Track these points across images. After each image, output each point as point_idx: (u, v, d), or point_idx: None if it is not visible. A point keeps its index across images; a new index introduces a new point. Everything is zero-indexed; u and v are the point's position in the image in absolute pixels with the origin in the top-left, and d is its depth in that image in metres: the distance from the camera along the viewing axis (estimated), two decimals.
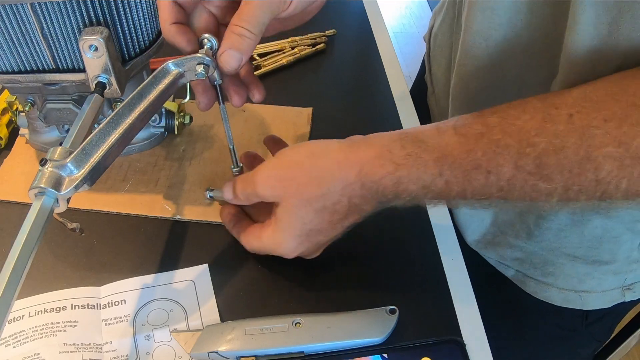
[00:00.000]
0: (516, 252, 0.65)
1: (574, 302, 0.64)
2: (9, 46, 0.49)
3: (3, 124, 0.63)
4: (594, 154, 0.38)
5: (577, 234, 0.59)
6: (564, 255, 0.62)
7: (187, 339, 0.47)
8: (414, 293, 0.51)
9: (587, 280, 0.63)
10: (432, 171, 0.42)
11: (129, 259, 0.53)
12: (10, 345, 0.46)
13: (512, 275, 0.67)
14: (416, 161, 0.42)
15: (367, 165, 0.43)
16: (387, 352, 0.46)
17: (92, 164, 0.42)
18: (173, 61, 0.48)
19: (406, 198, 0.44)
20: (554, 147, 0.39)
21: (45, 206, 0.41)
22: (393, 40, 0.83)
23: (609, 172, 0.38)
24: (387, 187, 0.43)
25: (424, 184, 0.42)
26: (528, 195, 0.41)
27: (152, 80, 0.47)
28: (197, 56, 0.48)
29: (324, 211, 0.45)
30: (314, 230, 0.46)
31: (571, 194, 0.40)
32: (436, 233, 0.56)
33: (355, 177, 0.44)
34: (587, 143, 0.38)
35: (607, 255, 0.60)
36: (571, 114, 0.40)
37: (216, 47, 0.48)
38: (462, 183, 0.42)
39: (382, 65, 0.77)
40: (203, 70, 0.48)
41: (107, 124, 0.44)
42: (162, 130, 0.63)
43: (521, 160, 0.40)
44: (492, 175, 0.41)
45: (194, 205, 0.58)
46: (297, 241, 0.47)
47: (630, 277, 0.63)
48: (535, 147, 0.40)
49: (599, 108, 0.39)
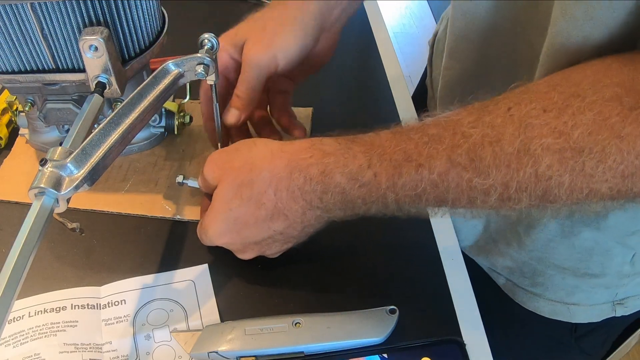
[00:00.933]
0: (507, 261, 0.64)
1: (562, 314, 0.63)
2: (9, 46, 0.49)
3: (3, 124, 0.63)
4: (532, 145, 0.36)
5: (567, 246, 0.58)
6: (553, 266, 0.61)
7: (187, 339, 0.47)
8: (414, 293, 0.51)
9: (576, 293, 0.62)
10: (360, 161, 0.41)
11: (129, 259, 0.53)
12: (10, 345, 0.46)
13: (503, 283, 0.66)
14: (345, 151, 0.42)
15: (297, 154, 0.43)
16: (387, 352, 0.46)
17: (92, 164, 0.42)
18: (173, 61, 0.48)
19: (336, 192, 0.42)
20: (490, 139, 0.37)
21: (45, 206, 0.41)
22: (393, 40, 0.83)
23: (549, 166, 0.36)
24: (314, 176, 0.42)
25: (351, 174, 0.41)
26: (465, 193, 0.39)
27: (152, 80, 0.47)
28: (197, 56, 0.48)
29: (250, 201, 0.44)
30: (239, 219, 0.45)
31: (511, 192, 0.37)
32: (436, 233, 0.56)
33: (284, 167, 0.43)
34: (525, 134, 0.36)
35: (597, 269, 0.59)
36: (510, 107, 0.38)
37: (217, 47, 0.49)
38: (391, 175, 0.40)
39: (382, 66, 0.77)
40: (203, 71, 0.48)
41: (107, 124, 0.44)
42: (162, 130, 0.63)
43: (454, 153, 0.38)
44: (423, 169, 0.39)
45: (194, 205, 0.58)
46: (222, 226, 0.47)
47: (622, 292, 0.62)
48: (468, 139, 0.38)
49: (539, 98, 0.37)
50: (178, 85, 0.49)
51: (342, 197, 0.42)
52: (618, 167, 0.35)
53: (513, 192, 0.37)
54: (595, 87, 0.36)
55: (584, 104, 0.35)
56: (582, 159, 0.35)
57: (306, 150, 0.43)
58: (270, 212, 0.44)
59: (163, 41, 0.55)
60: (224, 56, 0.54)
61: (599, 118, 0.35)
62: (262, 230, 0.46)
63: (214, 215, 0.47)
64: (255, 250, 0.49)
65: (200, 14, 0.86)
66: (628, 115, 0.34)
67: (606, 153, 0.35)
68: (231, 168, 0.46)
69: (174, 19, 0.57)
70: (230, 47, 0.54)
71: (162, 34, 0.55)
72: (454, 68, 0.59)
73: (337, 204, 0.43)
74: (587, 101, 0.36)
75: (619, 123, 0.34)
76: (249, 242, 0.48)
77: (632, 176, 0.35)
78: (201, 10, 0.86)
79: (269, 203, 0.44)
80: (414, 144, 0.40)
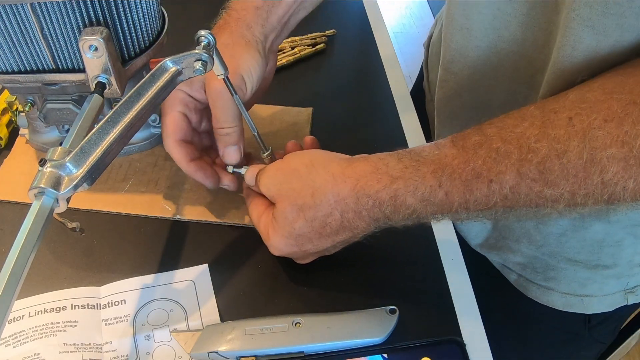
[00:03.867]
0: (518, 257, 0.65)
1: (576, 306, 0.64)
2: (9, 46, 0.49)
3: (3, 124, 0.63)
4: (597, 156, 0.37)
5: (578, 239, 0.59)
6: (566, 260, 0.61)
7: (187, 339, 0.47)
8: (414, 293, 0.51)
9: (589, 285, 0.63)
10: (431, 182, 0.42)
11: (129, 259, 0.53)
12: (10, 345, 0.46)
13: (515, 279, 0.67)
14: (413, 173, 0.42)
15: (362, 179, 0.43)
16: (387, 352, 0.46)
17: (91, 162, 0.42)
18: (171, 58, 0.48)
19: (406, 212, 0.43)
20: (557, 152, 0.39)
21: (45, 206, 0.41)
22: (393, 40, 0.83)
23: (615, 174, 0.37)
24: (384, 201, 0.43)
25: (423, 196, 0.42)
26: (534, 202, 0.40)
27: (150, 78, 0.47)
28: (195, 52, 0.48)
29: (315, 221, 0.45)
30: (302, 236, 0.46)
31: (578, 199, 0.39)
32: (436, 233, 0.56)
33: (349, 191, 0.44)
34: (590, 145, 0.38)
35: (609, 260, 0.60)
36: (570, 117, 0.39)
37: (213, 43, 0.48)
38: (463, 193, 0.41)
39: (382, 65, 0.77)
40: (201, 67, 0.48)
41: (106, 123, 0.44)
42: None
43: (523, 167, 0.39)
44: (495, 184, 0.40)
45: (194, 205, 0.58)
46: (284, 242, 0.47)
47: (633, 281, 0.63)
48: (536, 153, 0.39)
49: (598, 108, 0.38)
50: (176, 83, 0.49)
51: (412, 215, 0.43)
52: None
53: (580, 199, 0.39)
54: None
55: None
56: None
57: (372, 175, 0.43)
58: (335, 229, 0.45)
59: (163, 41, 0.55)
60: (179, 95, 0.52)
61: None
62: (324, 243, 0.47)
63: (275, 232, 0.47)
64: (315, 256, 0.50)
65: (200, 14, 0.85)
66: None
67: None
68: (291, 189, 0.46)
69: (174, 19, 0.57)
70: (185, 86, 0.52)
71: (162, 34, 0.55)
72: (450, 81, 0.59)
73: (405, 221, 0.44)
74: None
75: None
76: (310, 253, 0.49)
77: None
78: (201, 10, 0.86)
79: (335, 223, 0.45)
80: (481, 161, 0.40)
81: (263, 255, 0.54)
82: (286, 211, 0.46)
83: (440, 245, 0.55)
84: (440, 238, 0.56)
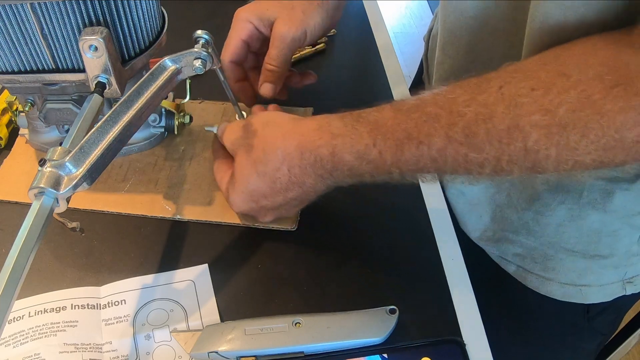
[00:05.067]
0: (516, 248, 0.65)
1: (575, 296, 0.65)
2: (9, 46, 0.49)
3: (3, 124, 0.63)
4: (521, 122, 0.39)
5: (576, 229, 0.60)
6: (564, 250, 0.62)
7: (187, 339, 0.47)
8: (414, 293, 0.51)
9: (587, 275, 0.63)
10: (367, 141, 0.44)
11: (129, 259, 0.53)
12: (10, 345, 0.46)
13: (514, 271, 0.68)
14: (352, 131, 0.45)
15: (306, 135, 0.47)
16: (387, 352, 0.46)
17: (90, 162, 0.42)
18: (170, 57, 0.48)
19: (344, 169, 0.46)
20: (483, 117, 0.40)
21: (45, 206, 0.41)
22: (393, 40, 0.83)
23: (537, 141, 0.39)
24: (324, 156, 0.46)
25: (359, 153, 0.44)
26: (462, 166, 0.42)
27: (149, 77, 0.47)
28: (194, 51, 0.48)
29: (265, 176, 0.48)
30: (256, 191, 0.49)
31: (503, 164, 0.40)
32: (436, 233, 0.56)
33: (295, 147, 0.47)
34: (514, 112, 0.39)
35: (606, 250, 0.61)
36: (501, 86, 0.40)
37: (211, 41, 0.52)
38: (394, 153, 0.43)
39: (382, 65, 0.77)
40: (201, 65, 0.48)
41: (105, 122, 0.44)
42: (162, 130, 0.63)
43: (451, 131, 0.41)
44: (424, 145, 0.42)
45: (194, 205, 0.58)
46: (242, 198, 0.51)
47: (631, 271, 0.63)
48: (463, 117, 0.41)
49: (528, 77, 0.40)
50: (176, 82, 0.49)
51: (350, 172, 0.46)
52: (600, 141, 0.38)
53: (505, 165, 0.40)
54: (581, 66, 0.39)
55: (569, 83, 0.38)
56: (567, 134, 0.38)
57: (315, 132, 0.46)
58: (285, 185, 0.48)
59: (163, 41, 0.55)
60: (248, 26, 0.59)
61: (582, 96, 0.38)
62: (278, 199, 0.50)
63: (234, 187, 0.51)
64: (273, 214, 0.53)
65: (200, 14, 0.86)
66: (609, 93, 0.37)
67: (588, 128, 0.37)
68: (247, 144, 0.50)
69: (174, 19, 0.57)
70: (256, 19, 0.59)
71: (162, 34, 0.55)
72: (446, 63, 0.61)
73: (346, 178, 0.47)
74: (572, 80, 0.38)
75: (600, 100, 0.37)
76: (267, 209, 0.51)
77: (613, 148, 0.38)
78: (201, 10, 0.86)
79: (284, 178, 0.48)
80: (414, 123, 0.42)
81: (263, 255, 0.54)
82: (241, 166, 0.50)
83: (440, 245, 0.55)
84: (440, 238, 0.56)
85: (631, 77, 0.37)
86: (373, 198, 0.59)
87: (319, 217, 0.57)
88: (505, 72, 0.41)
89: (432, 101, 0.43)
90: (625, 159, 0.39)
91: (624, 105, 0.37)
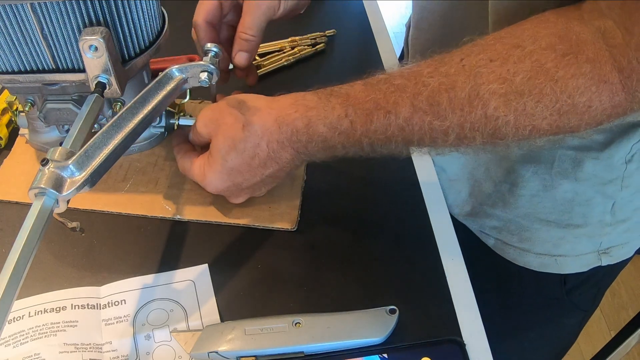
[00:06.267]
0: (494, 221, 0.67)
1: (551, 266, 0.66)
2: (9, 46, 0.49)
3: (3, 124, 0.63)
4: (480, 91, 0.41)
5: (549, 199, 0.61)
6: (539, 221, 0.63)
7: (187, 339, 0.47)
8: (414, 293, 0.51)
9: (562, 245, 0.64)
10: (339, 112, 0.47)
11: (129, 259, 0.53)
12: (10, 345, 0.46)
13: (493, 244, 0.69)
14: (325, 104, 0.47)
15: (283, 109, 0.49)
16: (387, 352, 0.46)
17: (94, 166, 0.42)
18: (177, 67, 0.48)
19: (318, 140, 0.48)
20: (445, 86, 0.43)
21: (45, 206, 0.41)
22: (393, 40, 0.83)
23: (496, 108, 0.41)
24: (300, 128, 0.48)
25: (331, 124, 0.47)
26: (428, 134, 0.44)
27: (155, 85, 0.47)
28: (201, 64, 0.49)
29: (245, 152, 0.49)
30: (234, 169, 0.50)
31: (466, 132, 0.43)
32: (436, 233, 0.56)
33: (273, 121, 0.48)
34: (474, 81, 0.42)
35: (580, 219, 0.62)
36: (462, 58, 0.43)
37: (220, 55, 0.53)
38: (364, 122, 0.46)
39: (382, 65, 0.77)
40: (207, 78, 0.49)
41: (110, 127, 0.44)
42: (162, 130, 0.63)
43: (416, 100, 0.44)
44: (391, 115, 0.44)
45: (194, 205, 0.58)
46: (218, 177, 0.51)
47: (606, 241, 0.64)
48: (427, 87, 0.43)
49: (486, 50, 0.43)
50: (180, 91, 0.50)
51: (324, 144, 0.48)
52: (554, 106, 0.41)
53: (467, 132, 0.43)
54: (534, 37, 0.41)
55: (524, 53, 0.41)
56: (524, 100, 0.41)
57: (291, 106, 0.49)
58: (263, 161, 0.50)
59: (163, 41, 0.55)
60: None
61: (536, 65, 0.41)
62: (254, 176, 0.51)
63: (211, 167, 0.51)
64: (246, 194, 0.54)
65: None
66: (561, 60, 0.40)
67: (543, 94, 0.40)
68: (225, 124, 0.50)
69: (174, 19, 0.57)
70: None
71: (162, 34, 0.55)
72: (421, 38, 0.63)
73: (320, 150, 0.49)
74: (526, 50, 0.41)
75: (553, 68, 0.40)
76: (242, 188, 0.53)
77: (567, 113, 0.41)
78: None
79: (262, 153, 0.49)
80: (382, 94, 0.45)
81: (263, 255, 0.54)
82: (220, 144, 0.50)
83: (440, 245, 0.55)
84: (440, 238, 0.56)
85: (581, 46, 0.40)
86: (373, 198, 0.59)
87: (319, 217, 0.57)
88: (466, 47, 0.44)
89: (399, 74, 0.46)
90: (578, 123, 0.41)
91: (576, 71, 0.40)
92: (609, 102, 0.40)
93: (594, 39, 0.40)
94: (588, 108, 0.40)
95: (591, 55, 0.40)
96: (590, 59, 0.40)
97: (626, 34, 0.39)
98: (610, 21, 0.40)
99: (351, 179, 0.61)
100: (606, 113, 0.41)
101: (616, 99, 0.40)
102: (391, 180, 0.61)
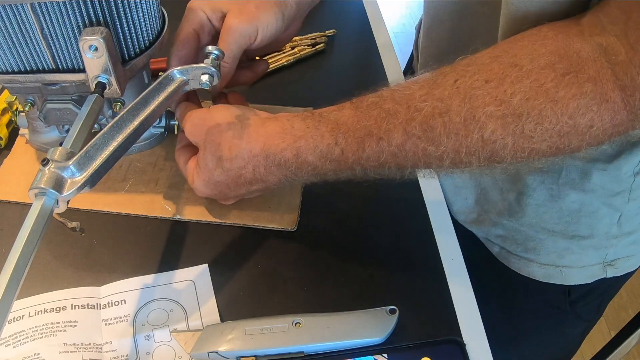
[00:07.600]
0: (499, 230, 0.66)
1: (555, 277, 0.65)
2: (9, 46, 0.49)
3: (3, 124, 0.63)
4: (477, 114, 0.40)
5: (556, 209, 0.61)
6: (544, 231, 0.63)
7: (187, 339, 0.47)
8: (414, 293, 0.51)
9: (567, 255, 0.64)
10: (328, 141, 0.45)
11: (129, 259, 0.53)
12: (10, 345, 0.46)
13: (497, 252, 0.68)
14: (314, 132, 0.46)
15: (270, 138, 0.47)
16: (387, 352, 0.46)
17: (94, 167, 0.43)
18: (178, 69, 0.49)
19: (308, 169, 0.47)
20: (439, 111, 0.41)
21: (45, 206, 0.41)
22: (393, 40, 0.83)
23: (493, 131, 0.40)
24: (289, 159, 0.47)
25: (322, 153, 0.45)
26: (421, 160, 0.43)
27: (156, 86, 0.47)
28: (202, 66, 0.49)
29: (230, 172, 0.49)
30: (220, 183, 0.50)
31: (462, 157, 0.41)
32: (436, 233, 0.56)
33: (260, 149, 0.48)
34: (470, 104, 0.40)
35: (586, 230, 0.61)
36: (456, 79, 0.41)
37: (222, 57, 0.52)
38: (356, 150, 0.44)
39: (382, 65, 0.77)
40: (208, 80, 0.49)
41: (111, 129, 0.44)
42: (162, 130, 0.63)
43: (409, 126, 0.42)
44: (383, 141, 0.43)
45: (194, 205, 0.58)
46: (205, 186, 0.51)
47: (611, 253, 0.64)
48: (420, 112, 0.41)
49: (481, 70, 0.41)
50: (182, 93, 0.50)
51: (314, 171, 0.47)
52: (554, 128, 0.39)
53: (464, 157, 0.41)
54: (532, 56, 0.40)
55: (522, 73, 0.39)
56: (522, 122, 0.39)
57: (279, 135, 0.47)
58: (249, 180, 0.49)
59: (163, 41, 0.55)
60: (199, 15, 0.55)
61: (535, 85, 0.39)
62: (241, 191, 0.51)
63: (198, 177, 0.51)
64: (235, 199, 0.54)
65: None
66: (561, 80, 0.38)
67: (542, 116, 0.39)
68: (212, 141, 0.49)
69: (174, 19, 0.57)
70: (209, 9, 0.56)
71: (162, 34, 0.55)
72: (431, 47, 0.62)
73: (310, 177, 0.48)
74: (524, 70, 0.39)
75: (553, 88, 0.38)
76: (230, 197, 0.53)
77: (568, 134, 0.39)
78: None
79: (248, 175, 0.49)
80: (373, 120, 0.43)
81: (263, 255, 0.54)
82: (207, 159, 0.50)
83: (440, 245, 0.55)
84: (440, 238, 0.56)
85: (582, 64, 0.38)
86: (373, 198, 0.59)
87: (319, 217, 0.57)
88: (460, 66, 0.42)
89: (390, 97, 0.44)
90: (579, 144, 0.40)
91: (576, 91, 0.38)
92: (610, 121, 0.38)
93: (595, 56, 0.38)
94: (589, 129, 0.39)
95: (592, 73, 0.38)
96: (592, 78, 0.38)
97: (630, 50, 0.37)
98: (613, 37, 0.38)
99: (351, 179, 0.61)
100: (607, 133, 0.39)
101: (618, 117, 0.38)
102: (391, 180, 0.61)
